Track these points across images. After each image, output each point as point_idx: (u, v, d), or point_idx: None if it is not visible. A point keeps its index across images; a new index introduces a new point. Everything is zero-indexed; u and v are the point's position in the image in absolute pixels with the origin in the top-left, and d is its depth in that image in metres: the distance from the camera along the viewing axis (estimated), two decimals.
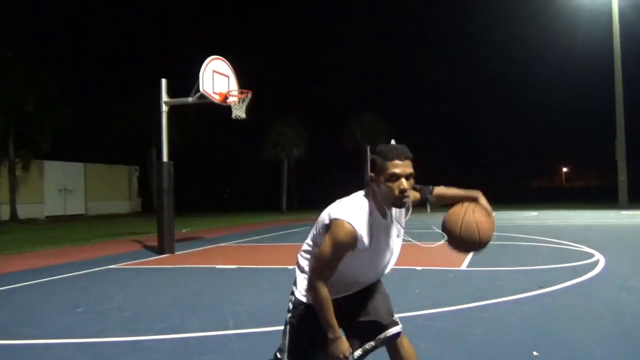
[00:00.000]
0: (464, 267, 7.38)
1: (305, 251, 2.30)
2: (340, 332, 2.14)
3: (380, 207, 2.18)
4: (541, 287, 5.54)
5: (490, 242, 2.30)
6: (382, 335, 2.26)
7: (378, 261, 2.27)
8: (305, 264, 2.28)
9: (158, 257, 9.77)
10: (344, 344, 2.13)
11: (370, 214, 2.16)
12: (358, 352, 2.26)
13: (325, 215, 2.21)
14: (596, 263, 7.21)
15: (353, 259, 2.16)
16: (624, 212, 20.97)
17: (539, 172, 72.00)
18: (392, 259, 2.35)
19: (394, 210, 2.25)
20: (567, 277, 6.10)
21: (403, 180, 2.10)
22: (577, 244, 9.59)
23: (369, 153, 27.44)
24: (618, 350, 3.49)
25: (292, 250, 2.32)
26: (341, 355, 2.11)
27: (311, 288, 2.15)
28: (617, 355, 3.42)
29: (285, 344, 2.26)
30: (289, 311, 2.29)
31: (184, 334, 4.17)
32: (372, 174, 2.17)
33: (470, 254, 8.63)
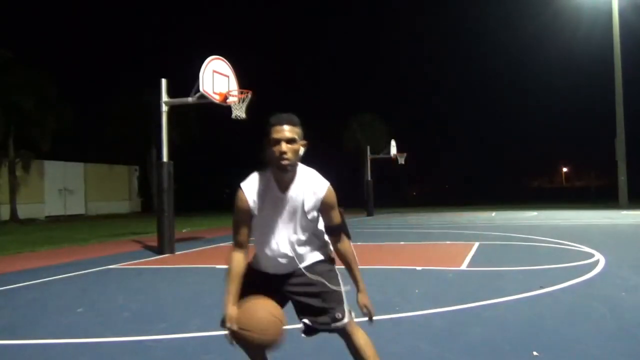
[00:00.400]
0: (464, 267, 7.38)
1: None
2: (230, 301, 2.28)
3: (276, 176, 2.32)
4: (541, 287, 5.54)
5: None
6: (329, 324, 2.38)
7: (272, 231, 2.36)
8: None
9: (158, 257, 9.77)
10: (228, 314, 2.26)
11: (266, 182, 2.34)
12: (305, 327, 2.44)
13: None
14: (596, 263, 7.21)
15: (257, 226, 2.36)
16: (624, 212, 20.98)
17: (539, 172, 72.02)
18: (286, 243, 2.39)
19: (305, 191, 2.33)
20: (567, 277, 6.10)
21: (283, 143, 2.24)
22: (577, 244, 9.60)
23: (368, 153, 27.48)
24: (618, 350, 3.49)
25: None
26: (226, 325, 2.27)
27: (229, 257, 2.37)
28: (617, 355, 3.42)
29: None
30: None
31: (184, 334, 4.17)
32: (265, 142, 2.33)
33: (470, 255, 8.64)
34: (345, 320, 2.39)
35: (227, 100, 10.51)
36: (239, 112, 10.69)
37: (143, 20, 76.42)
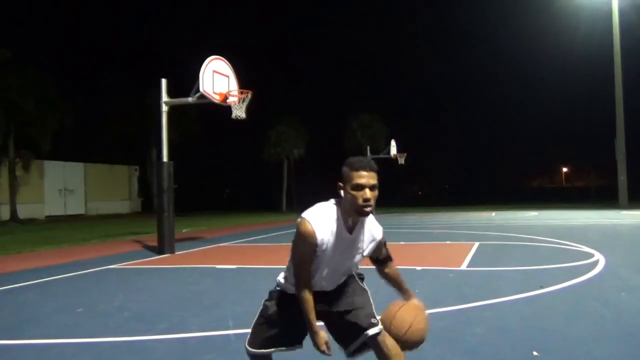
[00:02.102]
0: (464, 267, 7.38)
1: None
2: (317, 327, 2.32)
3: (346, 218, 2.31)
4: (541, 287, 5.54)
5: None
6: (362, 337, 2.39)
7: (326, 269, 2.37)
8: (289, 259, 2.48)
9: (158, 257, 9.77)
10: (320, 338, 2.31)
11: (335, 219, 2.30)
12: (347, 352, 2.44)
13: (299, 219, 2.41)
14: (596, 263, 7.21)
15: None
16: (624, 212, 20.98)
17: (539, 172, 72.03)
18: (343, 277, 2.48)
19: (365, 233, 2.39)
20: (567, 277, 6.10)
21: (367, 190, 2.23)
22: (577, 244, 9.60)
23: (368, 153, 27.48)
24: (618, 350, 3.49)
25: None
26: (320, 348, 2.32)
27: (296, 288, 2.36)
28: (617, 355, 3.42)
29: (253, 323, 2.49)
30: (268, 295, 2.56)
31: (184, 334, 4.17)
32: (340, 184, 2.30)
33: (470, 255, 8.64)
34: (379, 324, 2.43)
35: (227, 100, 10.51)
36: (239, 112, 10.69)
37: (143, 20, 76.43)
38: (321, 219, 2.28)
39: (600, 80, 32.07)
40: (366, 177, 2.24)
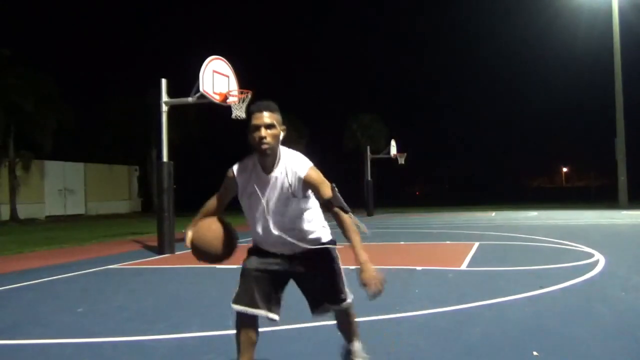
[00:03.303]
0: (464, 267, 7.38)
1: None
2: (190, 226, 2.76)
3: (261, 162, 2.49)
4: (541, 287, 5.54)
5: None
6: (328, 307, 2.64)
7: (262, 215, 2.54)
8: None
9: (158, 257, 9.77)
10: (187, 234, 2.71)
11: (252, 165, 2.52)
12: (311, 312, 2.71)
13: None
14: (596, 263, 7.21)
15: (248, 211, 2.60)
16: (624, 212, 20.98)
17: (539, 172, 72.03)
18: (278, 223, 2.55)
19: (288, 173, 2.47)
20: (567, 277, 6.10)
21: (262, 129, 2.39)
22: (577, 244, 9.59)
23: (368, 153, 27.47)
24: (618, 350, 3.49)
25: None
26: (186, 243, 2.78)
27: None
28: (617, 354, 3.42)
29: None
30: None
31: (184, 334, 4.17)
32: (248, 130, 2.48)
33: (470, 255, 8.64)
34: (350, 300, 2.63)
35: (227, 100, 10.50)
36: (239, 112, 10.69)
37: (143, 20, 76.42)
38: (241, 162, 2.56)
39: (600, 80, 32.08)
40: (262, 118, 2.41)
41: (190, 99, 10.20)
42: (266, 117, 2.42)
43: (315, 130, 39.57)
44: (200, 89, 9.86)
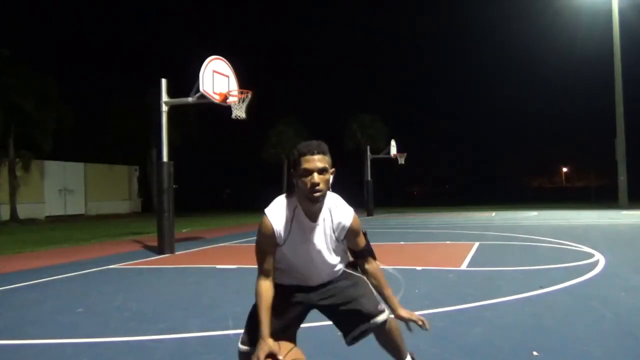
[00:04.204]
0: (464, 267, 7.38)
1: None
2: (266, 332, 2.18)
3: (305, 206, 2.24)
4: (541, 287, 5.54)
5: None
6: (367, 324, 2.34)
7: (302, 260, 2.31)
8: None
9: (158, 257, 9.77)
10: (261, 347, 2.14)
11: (292, 210, 2.24)
12: (347, 339, 2.39)
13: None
14: (596, 263, 7.21)
15: (280, 254, 2.30)
16: (624, 212, 20.97)
17: (539, 172, 72.04)
18: (323, 266, 2.36)
19: (333, 219, 2.29)
20: (567, 277, 6.10)
21: (315, 174, 2.15)
22: (577, 244, 9.59)
23: (368, 153, 27.47)
24: (617, 350, 3.49)
25: None
26: (258, 355, 2.11)
27: (256, 283, 2.29)
28: (617, 354, 3.42)
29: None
30: None
31: (184, 334, 4.16)
32: (292, 170, 2.24)
33: (470, 255, 8.64)
34: (387, 310, 2.38)
35: (227, 100, 10.50)
36: (239, 112, 10.69)
37: (143, 20, 76.43)
38: (277, 209, 2.25)
39: (600, 80, 32.09)
40: (313, 161, 2.16)
41: (190, 99, 10.20)
42: (319, 160, 2.16)
43: (315, 130, 39.55)
44: (200, 89, 9.86)
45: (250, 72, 14.14)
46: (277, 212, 2.24)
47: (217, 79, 10.35)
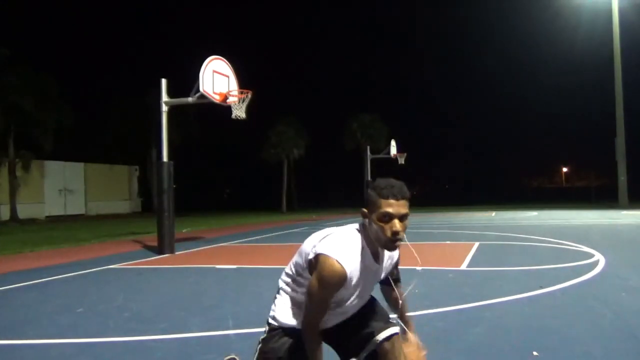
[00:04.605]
0: (464, 267, 7.38)
1: (287, 274, 2.17)
2: None
3: (371, 246, 2.03)
4: (541, 287, 5.54)
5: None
6: (380, 336, 2.14)
7: (358, 300, 2.13)
8: (285, 287, 2.17)
9: (158, 257, 9.77)
10: None
11: (360, 250, 2.00)
12: (362, 355, 2.16)
13: (309, 247, 2.04)
14: (596, 263, 7.21)
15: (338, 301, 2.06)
16: (624, 212, 20.98)
17: (539, 172, 72.03)
18: (361, 301, 2.20)
19: (385, 259, 2.14)
20: (567, 277, 6.10)
21: (396, 221, 1.94)
22: (577, 244, 9.59)
23: (368, 153, 27.49)
24: (618, 350, 3.49)
25: (292, 250, 2.31)
26: None
27: (304, 332, 2.01)
28: (617, 355, 3.42)
29: None
30: (263, 334, 2.16)
31: (184, 334, 4.17)
32: (365, 210, 2.00)
33: (470, 255, 8.64)
34: (397, 324, 2.21)
35: (227, 100, 10.51)
36: (239, 112, 10.69)
37: (143, 20, 76.44)
38: (348, 255, 1.95)
39: (600, 80, 32.10)
40: (396, 206, 1.94)
41: (190, 99, 10.21)
42: (402, 206, 1.95)
43: (315, 130, 39.59)
44: (200, 89, 9.87)
45: (250, 72, 14.15)
46: (348, 257, 1.96)
47: (217, 79, 10.36)
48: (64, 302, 5.68)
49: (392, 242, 1.94)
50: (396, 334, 2.14)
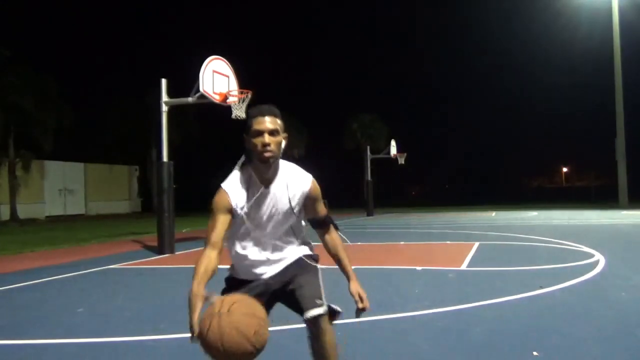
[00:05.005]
0: (464, 267, 7.38)
1: None
2: (198, 306, 2.05)
3: (258, 172, 2.23)
4: (541, 287, 5.54)
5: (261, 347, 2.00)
6: (306, 314, 2.23)
7: (256, 230, 2.29)
8: None
9: (158, 257, 9.77)
10: (194, 320, 2.08)
11: (247, 178, 2.24)
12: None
13: None
14: (596, 263, 7.21)
15: (237, 228, 2.28)
16: (624, 212, 20.97)
17: (539, 172, 72.05)
18: (274, 237, 2.33)
19: (290, 186, 2.27)
20: (567, 277, 6.10)
21: (266, 134, 2.15)
22: (577, 244, 9.59)
23: (368, 153, 27.47)
24: (618, 350, 3.49)
25: None
26: (190, 327, 2.10)
27: (204, 250, 2.25)
28: (617, 354, 3.42)
29: None
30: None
31: (184, 334, 4.15)
32: (245, 136, 2.23)
33: (470, 255, 8.64)
34: (325, 306, 2.23)
35: (227, 100, 10.50)
36: (239, 112, 10.69)
37: (143, 20, 76.43)
38: (232, 180, 2.24)
39: (600, 80, 32.10)
40: (264, 123, 2.17)
41: (190, 99, 10.20)
42: (269, 122, 2.17)
43: (315, 130, 39.59)
44: (200, 89, 9.86)
45: (250, 72, 14.14)
46: (232, 182, 2.23)
47: (217, 79, 10.35)
48: (64, 302, 5.68)
49: (263, 153, 2.15)
50: (320, 315, 2.22)
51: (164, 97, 10.40)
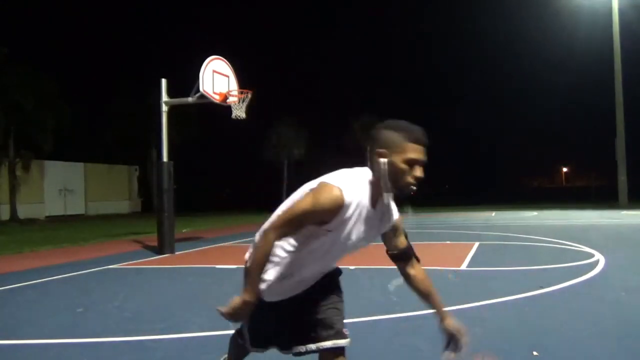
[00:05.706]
0: (464, 267, 7.38)
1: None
2: (253, 300, 1.91)
3: (376, 193, 1.91)
4: (541, 287, 5.54)
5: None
6: (325, 343, 1.98)
7: (339, 251, 1.99)
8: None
9: (158, 257, 9.77)
10: (244, 309, 1.90)
11: (364, 191, 1.90)
12: (300, 349, 2.01)
13: (314, 182, 1.95)
14: (596, 263, 7.21)
15: (310, 238, 1.90)
16: (624, 212, 20.97)
17: (539, 172, 72.09)
18: (341, 256, 2.06)
19: (388, 212, 2.02)
20: (567, 277, 6.09)
21: (421, 168, 1.87)
22: (577, 244, 9.59)
23: (368, 153, 27.46)
24: (618, 350, 3.49)
25: None
26: (232, 317, 1.90)
27: (260, 237, 1.93)
28: (617, 355, 3.42)
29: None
30: None
31: (184, 334, 4.16)
32: (384, 150, 1.85)
33: (470, 255, 8.64)
34: (348, 339, 2.02)
35: (227, 100, 10.51)
36: (239, 112, 10.69)
37: (143, 20, 76.46)
38: (352, 186, 1.85)
39: (600, 80, 32.10)
40: (422, 152, 1.85)
41: (190, 99, 10.21)
42: (425, 153, 1.86)
43: (315, 130, 39.59)
44: (200, 89, 9.87)
45: (250, 72, 14.14)
46: (352, 188, 1.84)
47: (217, 79, 10.36)
48: (64, 302, 5.68)
49: (410, 187, 1.87)
50: (341, 349, 1.99)
51: (164, 97, 10.40)
